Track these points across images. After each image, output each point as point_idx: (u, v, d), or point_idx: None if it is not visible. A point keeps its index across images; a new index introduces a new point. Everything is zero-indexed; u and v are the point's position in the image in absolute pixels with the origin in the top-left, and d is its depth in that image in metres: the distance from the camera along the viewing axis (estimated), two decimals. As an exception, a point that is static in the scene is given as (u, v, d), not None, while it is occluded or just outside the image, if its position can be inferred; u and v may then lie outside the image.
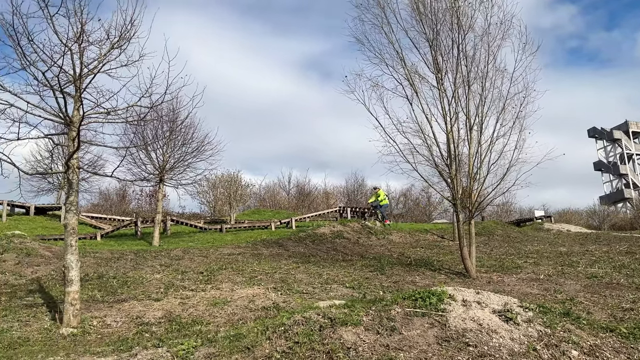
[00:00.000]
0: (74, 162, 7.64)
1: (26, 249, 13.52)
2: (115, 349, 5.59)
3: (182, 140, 19.03)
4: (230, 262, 13.45)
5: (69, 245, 7.58)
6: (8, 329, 7.10)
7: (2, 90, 7.46)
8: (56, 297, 9.17)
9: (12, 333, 6.94)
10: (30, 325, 7.38)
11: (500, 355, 4.59)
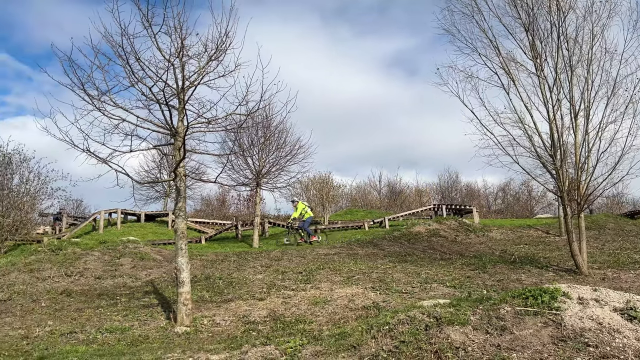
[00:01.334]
0: (181, 170, 8.11)
1: (140, 254, 14.57)
2: (226, 347, 5.85)
3: (275, 144, 19.61)
4: (327, 262, 13.61)
5: (179, 249, 8.06)
6: (130, 328, 7.69)
7: (115, 106, 8.11)
8: (169, 298, 9.79)
9: (133, 331, 7.51)
10: (148, 324, 7.93)
11: (625, 357, 4.24)
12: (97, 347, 6.68)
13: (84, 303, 9.68)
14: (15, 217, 18.27)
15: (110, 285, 11.61)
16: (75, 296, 10.34)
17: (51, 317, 8.58)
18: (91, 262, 13.57)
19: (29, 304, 9.63)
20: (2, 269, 13.01)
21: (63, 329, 7.71)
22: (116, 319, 8.26)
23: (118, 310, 8.95)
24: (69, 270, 12.82)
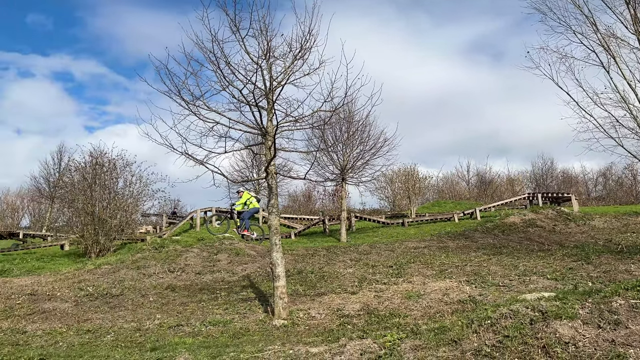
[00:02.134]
0: (272, 168, 8.35)
1: (235, 249, 15.19)
2: (324, 340, 5.96)
3: (359, 139, 19.59)
4: (417, 256, 13.43)
5: (273, 244, 8.31)
6: (231, 321, 8.05)
7: (209, 110, 8.50)
8: (265, 292, 10.14)
9: (234, 324, 7.85)
10: (247, 317, 8.26)
11: None
12: (203, 339, 7.06)
13: (187, 297, 10.26)
14: (121, 218, 19.67)
15: (210, 280, 12.21)
16: (179, 291, 10.98)
17: (159, 311, 9.17)
18: (191, 258, 14.35)
19: (139, 299, 10.36)
20: (113, 266, 14.10)
21: (170, 322, 8.22)
22: (217, 312, 8.68)
23: (219, 304, 9.39)
24: (171, 266, 13.64)
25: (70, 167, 22.45)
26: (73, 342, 7.30)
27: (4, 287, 11.86)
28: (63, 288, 11.58)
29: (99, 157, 19.51)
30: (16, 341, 7.71)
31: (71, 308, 9.79)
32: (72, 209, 20.54)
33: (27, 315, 9.36)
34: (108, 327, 8.12)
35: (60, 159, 34.54)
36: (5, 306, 9.97)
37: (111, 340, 7.36)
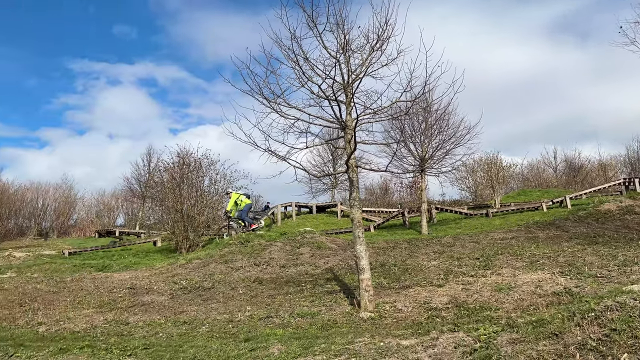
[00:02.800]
0: (352, 161, 8.36)
1: (316, 243, 15.40)
2: (413, 332, 5.91)
3: (438, 128, 19.15)
4: (505, 247, 12.95)
5: (357, 237, 8.34)
6: (318, 313, 8.18)
7: (289, 107, 8.65)
8: (349, 284, 10.20)
9: (322, 316, 7.97)
10: (334, 310, 8.36)
11: None
12: (292, 330, 7.23)
13: (274, 290, 10.55)
14: (208, 215, 20.55)
15: (294, 273, 12.46)
16: (266, 284, 11.31)
17: (248, 303, 9.50)
18: (275, 252, 14.72)
19: (229, 291, 10.78)
20: (203, 260, 14.76)
21: (260, 313, 8.49)
22: (304, 305, 8.85)
23: (305, 296, 9.57)
24: (257, 260, 14.07)
25: (159, 167, 23.74)
26: (172, 333, 7.73)
27: (106, 282, 12.77)
28: (159, 282, 12.30)
29: (186, 157, 20.48)
30: (121, 332, 8.28)
31: (167, 301, 10.37)
32: (163, 207, 21.72)
33: (129, 307, 10.02)
34: (202, 319, 8.52)
35: (149, 160, 36.60)
36: (109, 299, 10.73)
37: (206, 331, 7.72)
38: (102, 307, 10.11)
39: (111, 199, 42.70)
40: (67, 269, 16.49)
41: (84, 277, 13.70)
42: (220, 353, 5.62)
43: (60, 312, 9.87)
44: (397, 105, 9.02)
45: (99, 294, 11.26)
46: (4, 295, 11.37)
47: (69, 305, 10.41)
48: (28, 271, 16.51)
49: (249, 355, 5.44)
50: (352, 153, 8.22)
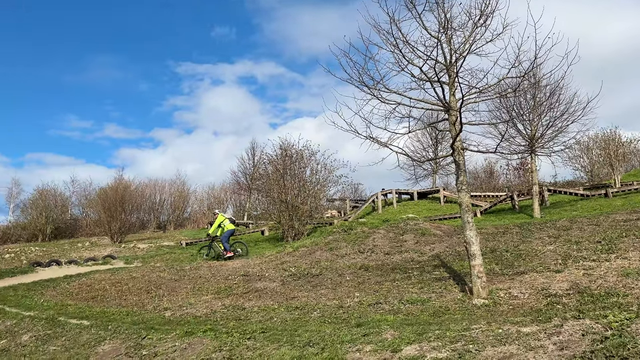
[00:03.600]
0: (458, 144, 8.09)
1: (420, 229, 15.17)
2: (533, 320, 5.62)
3: (548, 105, 17.96)
4: (630, 229, 11.87)
5: (466, 222, 8.08)
6: (428, 299, 8.05)
7: (389, 92, 8.54)
8: (458, 271, 9.93)
9: (432, 303, 7.84)
10: (444, 296, 8.18)
11: None
12: (403, 316, 7.18)
13: (381, 277, 10.55)
14: (310, 204, 21.05)
15: (399, 260, 12.38)
16: (372, 270, 11.34)
17: (356, 289, 9.58)
18: (378, 239, 14.71)
19: (336, 278, 10.96)
20: (308, 248, 15.14)
21: (369, 300, 8.53)
22: (413, 291, 8.75)
23: (413, 283, 9.47)
24: (360, 247, 14.16)
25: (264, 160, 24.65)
26: (285, 318, 8.01)
27: (222, 270, 13.53)
28: (270, 269, 12.80)
29: (288, 148, 21.08)
30: (238, 316, 8.73)
31: (279, 287, 10.76)
32: (268, 198, 22.60)
33: (243, 293, 10.53)
34: (313, 305, 8.73)
35: (253, 154, 38.16)
36: (225, 286, 11.35)
37: (318, 316, 7.91)
38: (220, 293, 10.72)
39: (220, 192, 45.12)
40: (185, 258, 17.73)
41: (201, 265, 14.63)
42: (335, 337, 5.72)
43: (183, 298, 10.62)
44: (505, 83, 8.57)
45: (215, 281, 11.96)
46: (133, 283, 12.46)
47: (189, 291, 11.17)
48: (151, 261, 17.98)
49: (363, 340, 5.49)
50: (457, 135, 7.94)
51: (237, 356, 5.78)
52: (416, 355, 4.75)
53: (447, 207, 25.62)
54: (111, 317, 9.11)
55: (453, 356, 4.59)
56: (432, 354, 4.71)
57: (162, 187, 42.22)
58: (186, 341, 6.65)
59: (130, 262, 17.99)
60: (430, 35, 8.06)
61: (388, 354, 4.94)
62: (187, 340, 6.69)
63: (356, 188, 41.58)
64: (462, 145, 8.30)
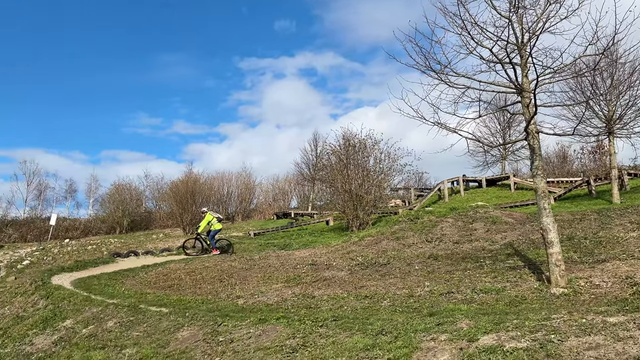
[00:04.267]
0: (533, 127, 7.76)
1: (491, 218, 14.73)
2: (619, 309, 5.33)
3: (628, 84, 16.84)
4: None
5: (542, 208, 7.75)
6: (502, 289, 7.81)
7: (458, 76, 8.30)
8: (534, 259, 9.56)
9: (507, 292, 7.60)
10: (520, 286, 7.91)
11: None
12: (477, 306, 7.01)
13: (451, 266, 10.35)
14: (375, 194, 20.92)
15: (469, 248, 12.09)
16: (441, 260, 11.15)
17: (426, 279, 9.45)
18: (446, 228, 14.43)
19: (405, 267, 10.86)
20: (374, 238, 15.09)
21: (440, 289, 8.39)
22: (486, 281, 8.52)
23: (485, 272, 9.22)
24: (428, 236, 13.95)
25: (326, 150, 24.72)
26: (355, 306, 8.04)
27: (289, 259, 13.76)
28: (337, 258, 12.88)
29: (351, 138, 21.02)
30: (308, 304, 8.85)
31: (347, 276, 10.80)
32: (332, 188, 22.68)
33: (312, 282, 10.65)
34: (383, 294, 8.70)
35: (316, 145, 38.41)
36: (294, 275, 11.53)
37: (388, 305, 7.87)
38: (289, 282, 10.90)
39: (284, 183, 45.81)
40: (254, 248, 18.15)
41: (270, 255, 14.94)
42: (407, 326, 5.67)
43: (254, 286, 10.89)
44: (582, 61, 8.10)
45: (284, 270, 12.17)
46: (206, 272, 12.92)
47: (260, 280, 11.43)
48: (222, 251, 18.54)
49: (437, 329, 5.41)
50: (531, 118, 7.61)
51: (310, 343, 5.86)
52: (494, 344, 4.62)
53: (517, 194, 24.70)
54: (187, 305, 9.50)
55: (534, 346, 4.43)
56: (511, 344, 4.57)
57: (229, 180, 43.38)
58: (260, 328, 6.81)
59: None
60: (501, 15, 7.76)
61: (464, 343, 4.84)
62: (261, 327, 6.85)
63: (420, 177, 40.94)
64: (537, 129, 7.95)
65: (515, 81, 7.73)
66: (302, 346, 5.81)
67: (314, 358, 5.35)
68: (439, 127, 8.45)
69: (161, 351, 6.98)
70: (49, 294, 11.51)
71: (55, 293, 11.47)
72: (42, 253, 21.44)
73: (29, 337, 9.51)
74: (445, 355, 4.71)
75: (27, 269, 18.52)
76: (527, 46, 7.65)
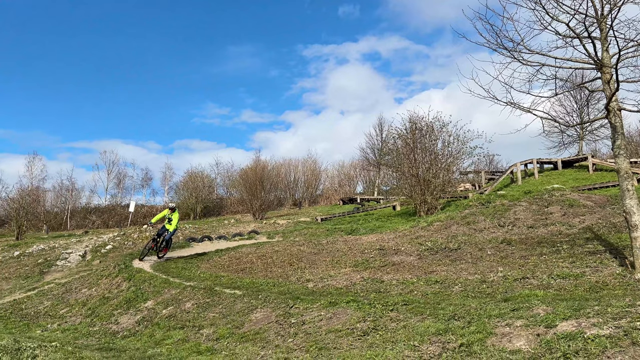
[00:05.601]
0: (614, 104, 7.32)
1: (567, 201, 14.07)
2: None
3: None
4: None
5: (625, 190, 7.33)
6: (581, 274, 7.49)
7: (531, 53, 7.95)
8: (615, 244, 9.07)
9: (587, 277, 7.28)
10: (600, 271, 7.54)
11: None
12: (555, 292, 6.77)
13: (525, 251, 10.02)
14: (443, 178, 20.52)
15: (545, 233, 11.64)
16: (515, 244, 10.81)
17: (499, 264, 9.22)
18: (520, 212, 13.94)
19: (476, 252, 10.63)
20: (443, 222, 14.84)
21: (514, 274, 8.16)
22: (563, 266, 8.19)
23: (562, 257, 8.86)
24: (500, 221, 13.54)
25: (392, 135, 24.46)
26: (426, 291, 7.98)
27: (357, 244, 13.83)
28: (405, 243, 12.80)
29: (418, 121, 20.69)
30: (377, 289, 8.89)
31: (416, 261, 10.73)
32: (398, 172, 22.47)
33: (380, 267, 10.67)
34: (454, 279, 8.58)
35: (381, 129, 38.15)
36: (362, 259, 11.59)
37: (459, 290, 7.76)
38: (357, 266, 10.98)
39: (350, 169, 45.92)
40: (322, 233, 18.39)
41: (337, 240, 15.08)
42: (481, 312, 5.58)
43: (323, 270, 11.05)
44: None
45: (352, 255, 12.26)
46: (277, 256, 13.24)
47: (328, 264, 11.59)
48: (291, 236, 18.94)
49: (512, 315, 5.28)
50: (613, 94, 7.18)
51: (381, 326, 5.90)
52: (574, 331, 4.46)
53: (596, 175, 23.39)
54: (260, 288, 9.80)
55: (618, 333, 4.23)
56: (592, 331, 4.39)
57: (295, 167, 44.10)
58: (331, 311, 6.92)
59: (272, 237, 19.13)
60: (579, -13, 7.33)
61: (541, 329, 4.70)
62: (331, 310, 6.96)
63: (491, 159, 39.67)
64: (619, 106, 7.49)
65: (594, 56, 7.30)
66: (373, 329, 5.86)
67: (386, 341, 5.39)
68: (512, 107, 8.16)
69: (236, 332, 7.27)
70: (131, 277, 12.24)
71: (137, 276, 12.18)
72: (123, 238, 22.80)
73: (115, 316, 10.19)
74: (522, 341, 4.60)
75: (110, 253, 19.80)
76: (608, 18, 7.19)
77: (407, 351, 4.93)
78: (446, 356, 4.64)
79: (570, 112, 31.16)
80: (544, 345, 4.37)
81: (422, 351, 4.87)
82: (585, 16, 7.14)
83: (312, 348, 5.70)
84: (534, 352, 4.30)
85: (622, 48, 6.96)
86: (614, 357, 3.93)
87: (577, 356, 4.04)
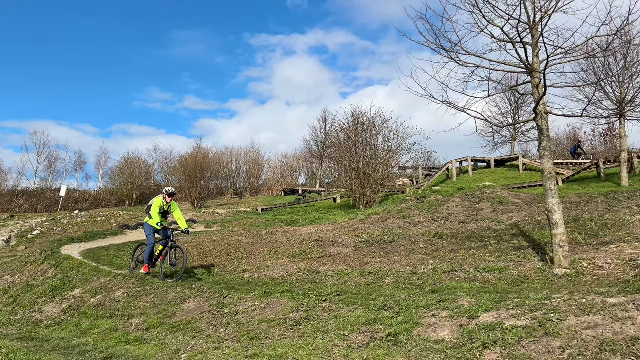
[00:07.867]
0: (541, 108, 7.72)
1: (498, 198, 14.72)
2: (620, 290, 5.38)
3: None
4: None
5: (548, 189, 7.77)
6: (506, 268, 7.88)
7: (468, 54, 8.23)
8: (538, 240, 9.60)
9: (510, 271, 7.67)
10: (523, 265, 7.97)
11: None
12: (480, 284, 7.10)
13: (456, 245, 10.42)
14: (382, 172, 20.92)
15: (475, 228, 12.13)
16: (446, 239, 11.21)
17: (430, 257, 9.54)
18: (453, 207, 14.46)
19: (409, 245, 10.94)
20: (381, 216, 15.15)
21: (444, 267, 8.48)
22: (490, 260, 8.59)
23: (489, 251, 9.28)
24: (434, 215, 13.99)
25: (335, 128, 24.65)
26: (359, 282, 8.16)
27: (296, 235, 13.89)
28: (342, 235, 12.98)
29: (360, 116, 20.95)
30: (313, 279, 8.99)
31: (352, 253, 10.92)
32: (340, 165, 22.68)
33: (318, 258, 10.78)
34: (387, 270, 8.81)
35: (325, 122, 38.31)
36: (300, 250, 11.67)
37: (392, 282, 7.98)
38: (295, 257, 11.04)
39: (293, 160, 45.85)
40: (261, 223, 18.31)
41: (276, 230, 15.08)
42: (410, 302, 5.76)
43: (260, 261, 11.04)
44: (594, 42, 8.00)
45: (290, 246, 12.31)
46: (214, 246, 13.09)
47: (266, 255, 11.58)
48: (230, 225, 18.74)
49: (438, 306, 5.49)
50: (540, 98, 7.57)
51: (313, 316, 5.97)
52: (494, 322, 4.70)
53: (526, 175, 24.60)
54: (194, 277, 9.66)
55: (533, 324, 4.50)
56: (510, 322, 4.64)
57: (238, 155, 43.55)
58: (265, 301, 6.94)
59: (210, 227, 18.86)
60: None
61: (465, 320, 4.92)
62: (266, 300, 6.98)
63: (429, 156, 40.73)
64: (546, 109, 7.91)
65: (525, 61, 7.66)
66: (305, 319, 5.93)
67: (317, 331, 5.46)
68: (447, 105, 8.44)
69: (167, 321, 7.15)
70: (58, 264, 11.73)
71: (65, 263, 11.69)
72: (52, 223, 21.78)
73: (39, 305, 9.76)
74: (446, 331, 4.80)
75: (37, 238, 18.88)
76: (539, 25, 7.56)
77: (337, 340, 5.02)
78: (374, 345, 4.77)
79: (505, 113, 32.55)
80: (465, 335, 4.58)
81: (351, 340, 4.98)
82: (518, 22, 7.48)
83: (244, 338, 5.69)
84: (456, 342, 4.49)
85: (550, 54, 7.35)
86: (528, 346, 4.17)
87: (495, 346, 4.26)
